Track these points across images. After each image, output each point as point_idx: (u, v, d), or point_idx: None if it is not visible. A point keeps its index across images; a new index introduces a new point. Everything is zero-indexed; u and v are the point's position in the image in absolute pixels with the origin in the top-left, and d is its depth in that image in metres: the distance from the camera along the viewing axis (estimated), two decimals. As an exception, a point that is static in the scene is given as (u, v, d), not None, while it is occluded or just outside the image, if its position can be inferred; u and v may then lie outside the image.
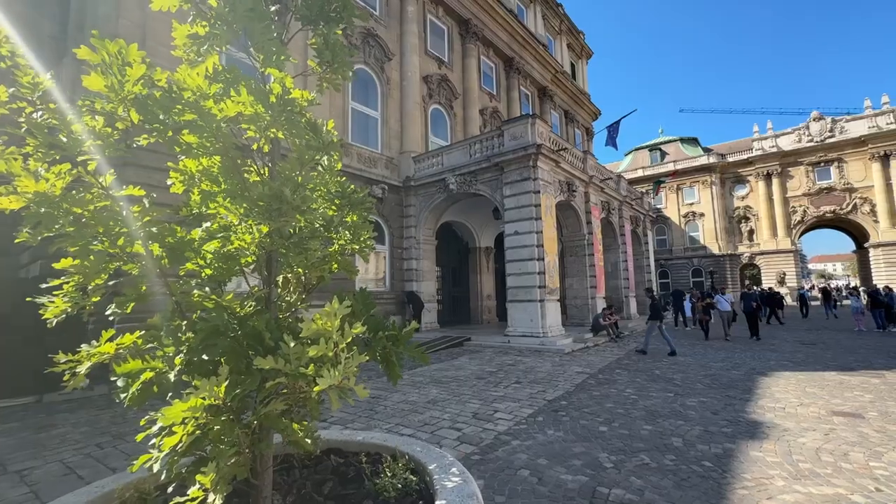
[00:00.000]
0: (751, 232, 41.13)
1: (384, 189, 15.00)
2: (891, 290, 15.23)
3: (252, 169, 1.58)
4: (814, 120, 38.73)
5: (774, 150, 39.86)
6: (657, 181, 22.75)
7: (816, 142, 38.20)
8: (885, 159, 35.48)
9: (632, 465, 3.95)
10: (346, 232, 1.48)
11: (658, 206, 43.97)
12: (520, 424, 5.19)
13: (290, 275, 1.38)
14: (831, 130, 37.75)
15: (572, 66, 31.50)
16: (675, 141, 47.29)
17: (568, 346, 11.40)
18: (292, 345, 1.30)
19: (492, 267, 19.21)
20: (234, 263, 1.50)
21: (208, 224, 1.51)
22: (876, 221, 35.75)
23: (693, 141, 46.90)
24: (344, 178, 1.78)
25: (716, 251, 41.77)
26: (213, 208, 1.47)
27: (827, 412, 5.52)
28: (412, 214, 15.82)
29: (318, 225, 1.48)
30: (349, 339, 1.15)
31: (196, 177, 1.49)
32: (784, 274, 38.31)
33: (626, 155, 51.42)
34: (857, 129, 36.69)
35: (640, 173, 45.50)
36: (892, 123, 35.38)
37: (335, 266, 1.53)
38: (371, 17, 15.90)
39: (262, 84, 1.48)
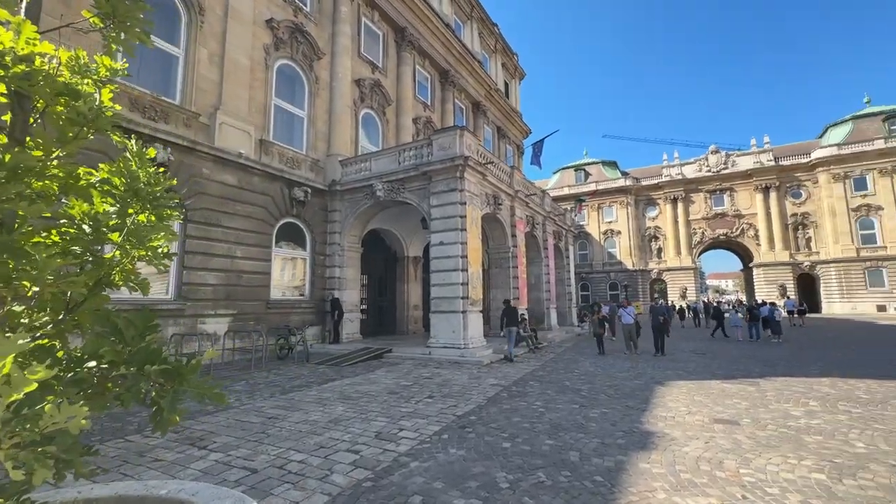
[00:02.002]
0: (659, 250, 45.16)
1: (307, 192, 14.24)
2: (765, 303, 17.33)
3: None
4: (712, 153, 43.71)
5: (680, 177, 44.30)
6: (578, 199, 24.08)
7: (713, 172, 43.09)
8: (766, 191, 40.87)
9: (527, 483, 3.88)
10: (131, 237, 1.15)
11: (581, 223, 46.77)
12: (424, 444, 4.96)
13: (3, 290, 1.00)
14: (725, 163, 42.81)
15: (506, 84, 32.66)
16: (598, 163, 50.84)
17: (487, 357, 11.46)
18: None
19: (420, 276, 19.01)
20: None
21: None
22: (758, 244, 40.94)
23: (613, 164, 50.73)
24: (161, 170, 1.43)
25: (630, 266, 45.26)
26: None
27: (709, 420, 5.93)
28: (337, 220, 15.18)
29: (73, 225, 1.13)
30: (28, 389, 0.79)
31: None
32: (686, 288, 42.40)
33: (555, 173, 54.30)
34: (745, 163, 41.97)
35: (566, 191, 48.20)
36: (771, 161, 40.93)
37: (118, 278, 1.18)
38: (300, 12, 15.20)
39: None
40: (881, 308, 35.11)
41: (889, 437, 5.10)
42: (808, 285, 39.37)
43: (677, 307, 30.79)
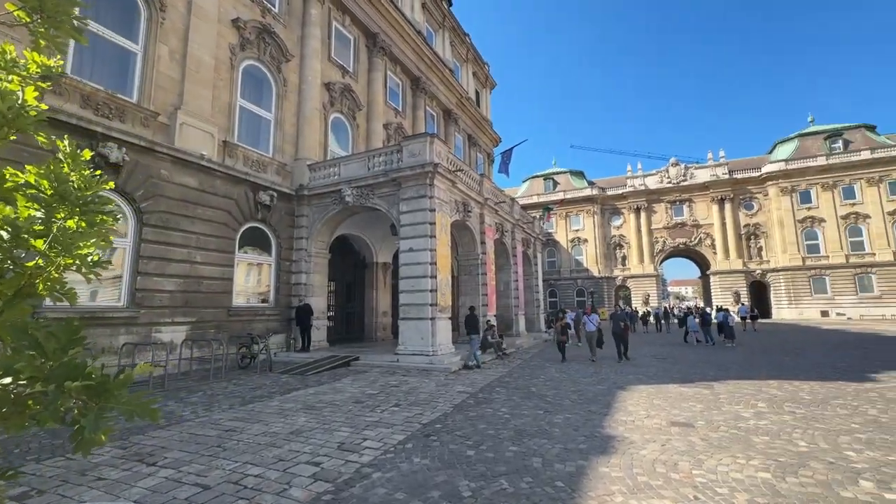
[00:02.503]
0: (624, 258, 46.65)
1: (273, 196, 13.89)
2: (721, 308, 18.20)
3: None
4: (672, 165, 45.71)
5: (643, 187, 46.06)
6: (546, 208, 24.59)
7: (674, 183, 45.04)
8: (721, 202, 43.06)
9: (490, 491, 3.88)
10: (56, 244, 1.07)
11: (550, 231, 47.79)
12: (387, 453, 4.89)
13: None
14: (684, 175, 44.85)
15: (477, 93, 33.11)
16: (566, 173, 52.18)
17: (456, 364, 11.46)
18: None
19: (389, 283, 18.85)
20: None
21: None
22: (715, 253, 43.00)
23: (580, 174, 52.18)
24: (98, 172, 1.36)
25: (596, 274, 46.52)
26: None
27: (667, 423, 6.14)
28: (304, 225, 14.87)
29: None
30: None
31: None
32: (648, 295, 43.93)
33: (524, 181, 55.31)
34: (702, 175, 44.11)
35: (535, 199, 49.15)
36: (725, 174, 43.20)
37: (42, 288, 1.10)
38: (268, 13, 14.91)
39: None
40: (824, 313, 37.53)
41: (828, 436, 5.43)
42: (759, 292, 41.62)
43: (640, 313, 31.85)
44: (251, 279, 13.95)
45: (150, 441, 5.38)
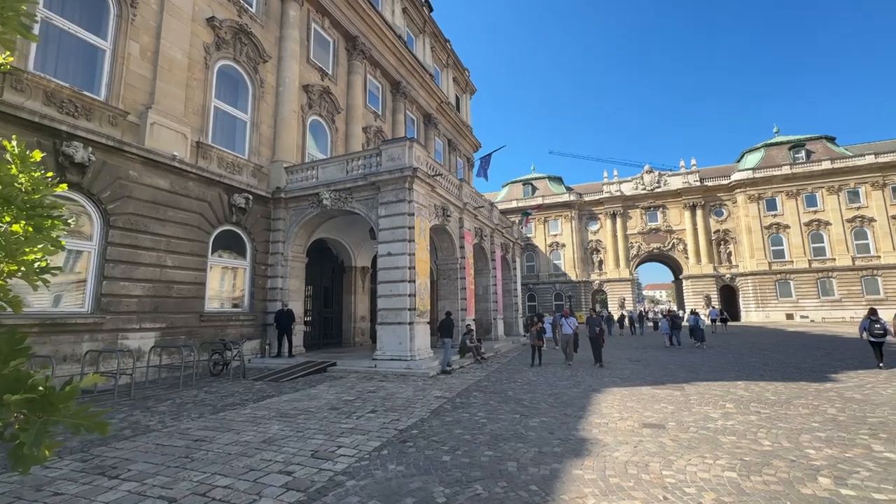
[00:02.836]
0: (600, 262, 47.55)
1: (248, 199, 13.60)
2: (693, 312, 18.75)
3: None
4: (646, 172, 46.96)
5: (619, 194, 47.13)
6: (524, 213, 24.85)
7: (648, 190, 46.25)
8: (693, 209, 44.42)
9: (464, 497, 3.88)
10: None
11: (528, 236, 48.33)
12: (362, 461, 4.82)
13: None
14: (658, 182, 46.11)
15: (457, 98, 33.30)
16: (545, 178, 52.93)
17: (434, 369, 11.42)
18: None
19: (368, 287, 18.68)
20: None
21: None
22: (687, 258, 44.28)
23: (559, 180, 53.01)
24: (46, 175, 1.31)
25: (573, 278, 47.25)
26: None
27: (639, 424, 6.27)
28: (281, 228, 14.61)
29: None
30: None
31: None
32: (624, 299, 44.85)
33: (504, 186, 55.84)
34: (675, 183, 45.45)
35: (514, 204, 49.63)
36: (697, 181, 44.62)
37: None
38: (245, 13, 14.67)
39: None
40: (789, 316, 39.08)
41: (790, 435, 5.65)
42: (729, 295, 43.04)
43: (616, 317, 32.51)
44: (225, 283, 13.60)
45: (112, 453, 5.16)
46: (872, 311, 11.78)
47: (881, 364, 11.15)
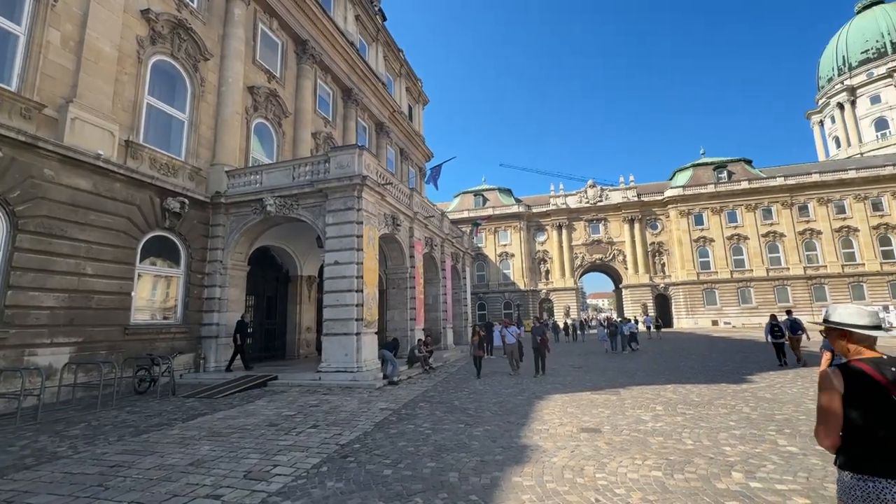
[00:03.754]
0: (547, 272, 49.26)
1: (184, 203, 12.79)
2: (628, 320, 19.94)
3: None
4: (590, 187, 49.47)
5: (564, 206, 49.24)
6: (475, 223, 25.27)
7: (591, 204, 48.70)
8: (631, 222, 47.30)
9: (404, 511, 3.83)
10: None
11: (479, 245, 49.13)
12: (299, 479, 4.63)
13: None
14: (600, 196, 48.70)
15: (410, 108, 33.44)
16: (495, 190, 54.21)
17: (381, 380, 11.24)
18: None
19: (314, 297, 18.09)
20: None
21: None
22: (626, 268, 46.96)
23: (508, 191, 54.48)
24: None
25: (522, 287, 48.55)
26: None
27: (577, 429, 6.51)
28: (220, 235, 13.85)
29: None
30: None
31: None
32: (569, 307, 46.67)
33: (455, 197, 56.51)
34: (615, 197, 48.22)
35: (465, 214, 50.36)
36: (635, 197, 47.61)
37: None
38: (185, 8, 13.92)
39: None
40: (714, 322, 42.48)
41: (710, 434, 6.11)
42: (663, 304, 46.07)
43: (561, 325, 33.76)
44: (157, 293, 12.65)
45: (10, 485, 4.59)
46: (773, 317, 14.04)
47: (781, 363, 13.03)
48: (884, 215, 40.73)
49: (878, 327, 2.03)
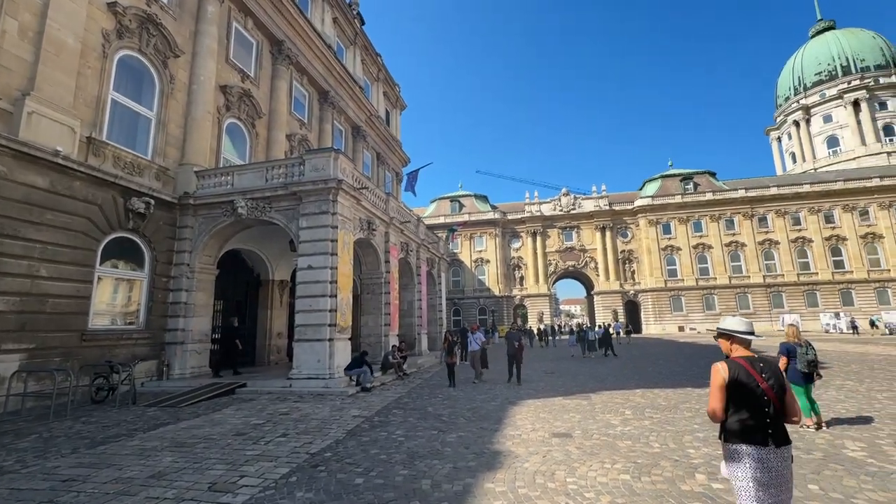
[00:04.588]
0: (522, 278, 49.88)
1: (150, 203, 12.29)
2: (601, 326, 20.41)
3: None
4: (563, 195, 50.52)
5: (539, 214, 50.07)
6: (451, 229, 25.34)
7: (565, 211, 49.72)
8: (603, 230, 48.51)
9: (375, 520, 3.78)
10: None
11: (455, 251, 49.29)
12: (267, 490, 4.50)
13: None
14: (574, 204, 49.80)
15: (387, 113, 33.35)
16: (471, 196, 54.63)
17: (354, 387, 11.08)
18: None
19: (286, 302, 17.70)
20: None
21: None
22: (598, 275, 48.07)
23: (484, 198, 55.00)
24: None
25: (497, 293, 48.97)
26: None
27: (549, 434, 6.60)
28: (188, 237, 13.38)
29: None
30: None
31: None
32: (543, 313, 47.34)
33: (432, 202, 56.62)
34: (588, 206, 49.41)
35: (441, 220, 50.47)
36: (607, 206, 48.90)
37: None
38: (155, 2, 13.47)
39: None
40: (681, 328, 43.97)
41: (676, 437, 6.30)
42: (633, 310, 47.37)
43: (535, 330, 34.22)
44: (118, 297, 12.08)
45: (-52, 504, 4.27)
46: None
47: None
48: (835, 227, 43.30)
49: (751, 333, 2.72)
